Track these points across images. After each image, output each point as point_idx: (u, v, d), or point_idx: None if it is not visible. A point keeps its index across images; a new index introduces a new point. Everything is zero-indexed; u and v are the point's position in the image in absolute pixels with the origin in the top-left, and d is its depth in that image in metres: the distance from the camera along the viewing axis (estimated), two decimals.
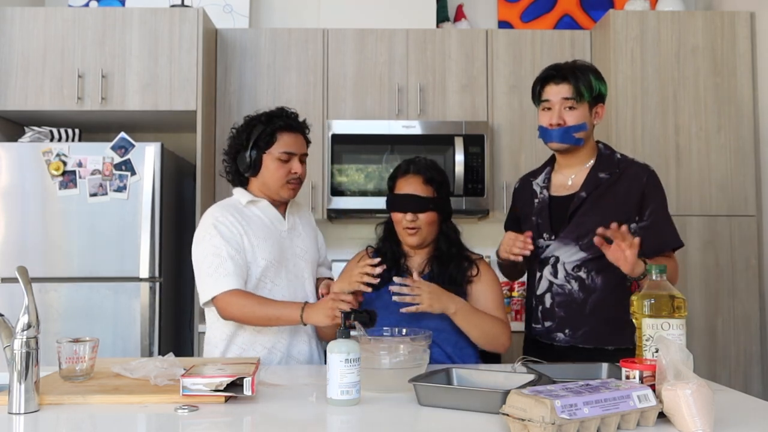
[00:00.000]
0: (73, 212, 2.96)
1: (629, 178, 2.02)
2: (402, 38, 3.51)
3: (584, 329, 1.99)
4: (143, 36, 3.22)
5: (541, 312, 2.06)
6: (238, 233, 2.02)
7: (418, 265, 2.08)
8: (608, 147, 2.11)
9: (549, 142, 2.05)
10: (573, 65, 2.05)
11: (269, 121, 2.07)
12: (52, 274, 2.95)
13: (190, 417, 1.36)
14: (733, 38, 3.31)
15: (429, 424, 1.34)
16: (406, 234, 2.04)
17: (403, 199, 2.02)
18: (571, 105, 2.00)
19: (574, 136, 2.01)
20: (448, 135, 3.38)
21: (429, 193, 2.02)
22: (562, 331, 2.01)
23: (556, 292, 2.03)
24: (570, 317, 2.01)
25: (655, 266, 1.47)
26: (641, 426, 1.25)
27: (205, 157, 3.26)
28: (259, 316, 1.94)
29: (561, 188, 2.09)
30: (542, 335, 2.06)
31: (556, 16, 3.89)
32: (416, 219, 2.01)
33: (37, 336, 1.40)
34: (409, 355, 1.61)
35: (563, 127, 2.00)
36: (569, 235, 2.02)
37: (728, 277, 3.23)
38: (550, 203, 2.09)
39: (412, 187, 2.02)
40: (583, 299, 2.00)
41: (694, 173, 3.26)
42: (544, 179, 2.15)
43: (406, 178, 2.05)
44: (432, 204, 2.01)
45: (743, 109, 3.30)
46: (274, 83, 3.48)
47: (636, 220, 1.99)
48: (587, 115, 2.02)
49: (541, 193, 2.12)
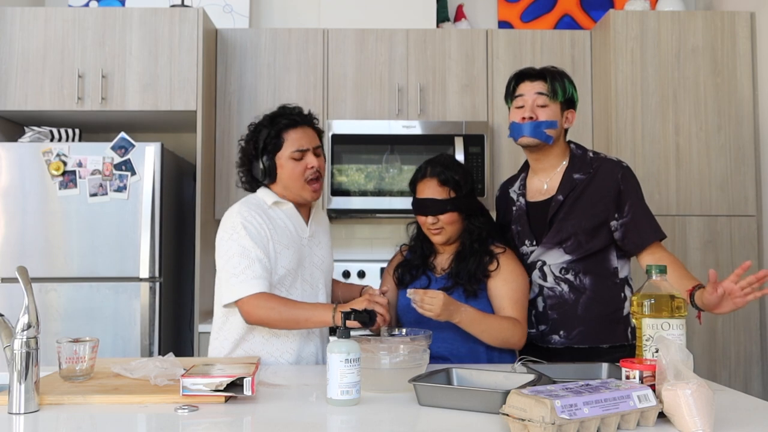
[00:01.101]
0: (73, 212, 2.96)
1: (603, 176, 2.02)
2: (402, 38, 3.51)
3: (579, 329, 2.00)
4: (143, 36, 3.22)
5: (535, 316, 2.06)
6: (265, 237, 1.97)
7: (443, 262, 2.12)
8: (580, 147, 2.11)
9: (520, 137, 2.03)
10: (548, 67, 2.09)
11: (273, 123, 2.04)
12: (52, 274, 2.95)
13: (190, 417, 1.36)
14: (733, 38, 3.31)
15: (429, 424, 1.34)
16: (431, 234, 2.08)
17: (423, 203, 2.06)
18: (544, 102, 2.01)
19: (545, 132, 2.01)
20: (448, 135, 3.38)
21: (445, 194, 2.04)
22: (557, 333, 2.02)
23: (547, 295, 2.04)
24: (563, 319, 2.02)
25: (655, 266, 1.48)
26: (641, 426, 1.25)
27: (205, 157, 3.26)
28: (287, 318, 1.90)
29: (537, 193, 2.11)
30: (537, 339, 2.05)
31: (556, 16, 3.89)
32: (437, 221, 2.04)
33: (37, 336, 1.41)
34: (409, 355, 1.61)
35: (535, 121, 2.00)
36: (551, 240, 2.03)
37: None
38: (527, 209, 2.11)
39: (429, 191, 2.05)
40: (575, 300, 2.01)
41: (694, 173, 3.26)
42: (519, 186, 2.17)
43: (424, 181, 2.08)
44: (450, 205, 2.03)
45: (743, 109, 3.30)
46: (274, 83, 3.48)
47: (615, 217, 2.00)
48: (558, 115, 2.03)
49: (518, 201, 2.14)
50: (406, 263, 2.17)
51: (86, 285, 2.96)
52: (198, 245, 3.17)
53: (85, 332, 2.63)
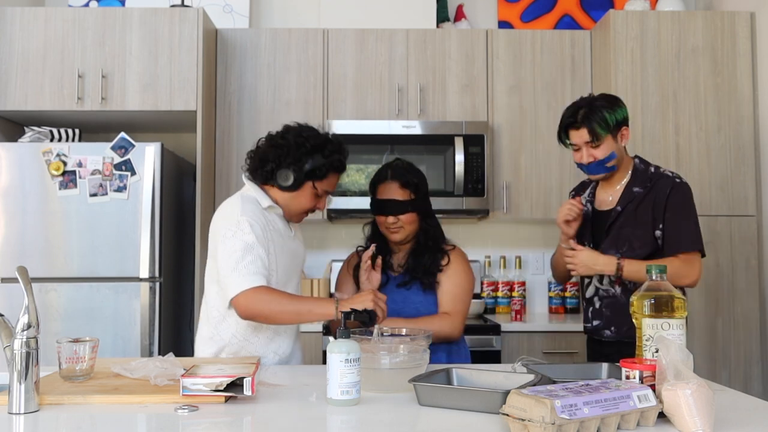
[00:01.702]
0: (73, 212, 2.96)
1: (658, 189, 2.22)
2: (402, 38, 3.51)
3: (627, 326, 2.10)
4: (143, 36, 3.22)
5: (591, 312, 2.32)
6: (266, 239, 1.99)
7: (398, 260, 2.28)
8: (643, 161, 2.29)
9: (590, 175, 2.28)
10: (587, 105, 2.20)
11: (331, 156, 2.06)
12: (52, 274, 2.95)
13: (190, 417, 1.36)
14: (733, 38, 3.31)
15: (429, 424, 1.34)
16: (390, 232, 2.22)
17: (384, 204, 2.20)
18: (595, 144, 2.19)
19: (607, 166, 2.22)
20: (448, 135, 3.38)
21: (406, 196, 2.19)
22: (609, 328, 2.26)
23: (602, 295, 2.28)
24: (614, 316, 2.24)
25: (655, 266, 1.48)
26: (641, 426, 1.25)
27: (205, 157, 3.26)
28: (289, 310, 1.91)
29: (603, 203, 2.32)
30: (593, 332, 2.32)
31: (556, 16, 3.89)
32: (398, 221, 2.19)
33: (37, 336, 1.40)
34: (409, 355, 1.61)
35: (595, 161, 2.20)
36: (609, 247, 2.23)
37: (728, 277, 3.23)
38: (593, 217, 2.32)
39: (390, 192, 2.20)
40: (626, 300, 2.15)
41: (694, 173, 3.26)
42: (589, 194, 2.38)
43: (384, 184, 2.22)
44: (410, 206, 2.19)
45: (743, 109, 3.30)
46: (274, 83, 3.48)
47: (660, 227, 2.20)
48: (613, 145, 2.20)
49: (586, 206, 2.34)
50: None
51: (86, 285, 2.96)
52: (198, 245, 3.17)
53: (85, 332, 2.62)
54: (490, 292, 3.73)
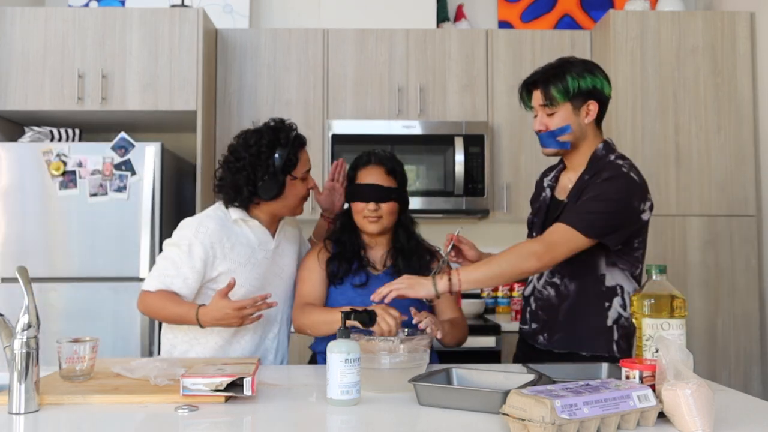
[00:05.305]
0: (73, 212, 2.96)
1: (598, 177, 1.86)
2: (402, 38, 3.51)
3: (559, 335, 1.93)
4: (143, 36, 3.22)
5: (529, 313, 2.02)
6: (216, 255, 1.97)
7: (380, 257, 2.11)
8: (608, 147, 1.93)
9: (541, 148, 1.97)
10: (551, 66, 1.93)
11: (285, 140, 1.99)
12: (52, 274, 2.95)
13: (190, 417, 1.36)
14: (733, 38, 3.31)
15: (429, 424, 1.34)
16: (367, 222, 2.04)
17: (366, 189, 2.03)
18: (550, 111, 1.89)
19: (558, 140, 1.90)
20: (448, 135, 3.38)
21: (391, 183, 2.05)
22: (542, 334, 1.96)
23: (537, 296, 1.99)
24: (548, 321, 1.95)
25: (655, 266, 1.47)
26: (641, 426, 1.25)
27: (205, 157, 3.26)
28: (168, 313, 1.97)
29: (562, 191, 1.99)
30: (528, 336, 2.02)
31: (556, 16, 3.89)
32: (378, 208, 2.02)
33: (37, 336, 1.40)
34: (409, 355, 1.61)
35: (546, 131, 1.91)
36: None
37: (728, 277, 3.23)
38: (549, 205, 2.02)
39: (374, 177, 2.04)
40: (558, 305, 1.93)
41: (694, 173, 3.26)
42: (552, 178, 2.07)
43: (368, 168, 2.06)
44: (394, 194, 2.04)
45: (743, 109, 3.30)
46: (274, 83, 3.48)
47: None
48: (571, 117, 1.88)
49: (544, 192, 2.06)
50: (337, 257, 2.08)
51: (86, 285, 2.96)
52: None
53: (85, 332, 2.59)
54: (490, 292, 3.73)
